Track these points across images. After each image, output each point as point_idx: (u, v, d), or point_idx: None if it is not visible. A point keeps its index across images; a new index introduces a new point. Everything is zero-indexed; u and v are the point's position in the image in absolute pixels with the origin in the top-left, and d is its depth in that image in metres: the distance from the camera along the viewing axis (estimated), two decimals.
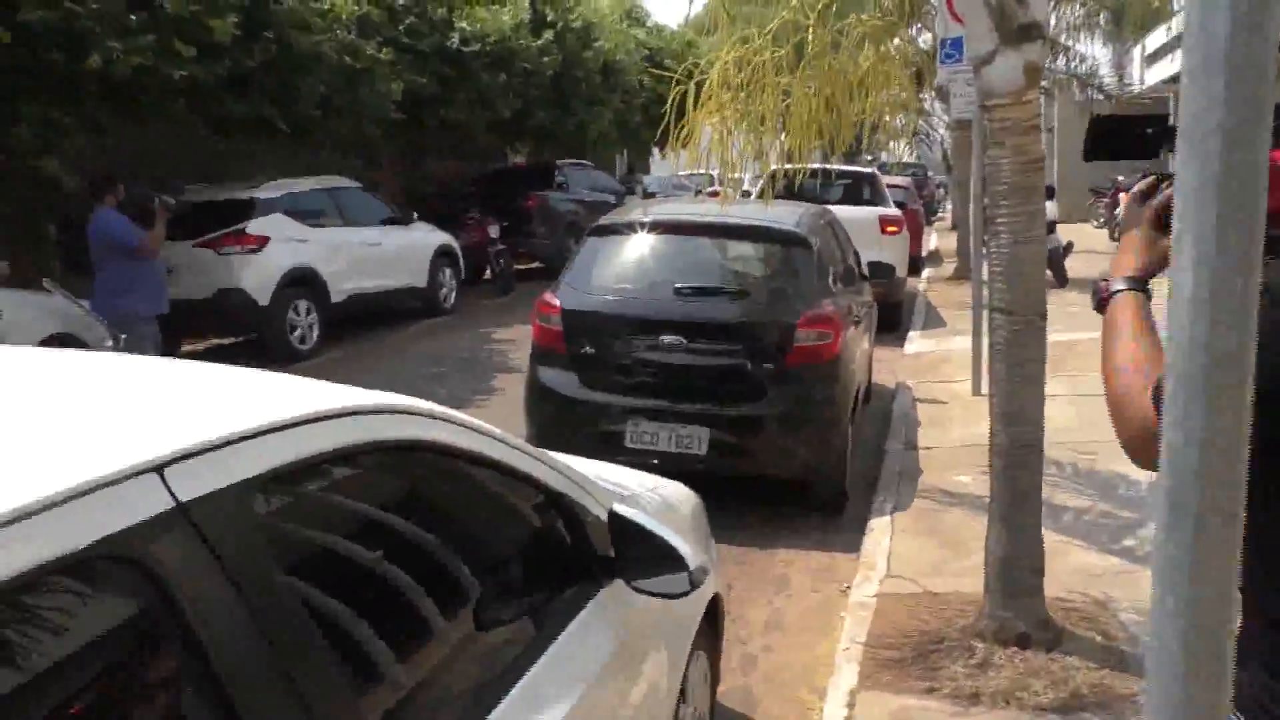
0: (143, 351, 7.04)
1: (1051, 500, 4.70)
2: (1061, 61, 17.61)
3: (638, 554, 2.07)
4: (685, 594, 2.00)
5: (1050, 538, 3.98)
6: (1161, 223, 1.45)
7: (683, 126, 4.05)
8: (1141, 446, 1.33)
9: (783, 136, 3.96)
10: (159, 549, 1.12)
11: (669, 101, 4.06)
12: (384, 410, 1.62)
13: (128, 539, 1.08)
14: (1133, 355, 1.36)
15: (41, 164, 8.56)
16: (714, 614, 2.96)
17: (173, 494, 1.16)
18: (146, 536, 1.11)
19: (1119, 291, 1.45)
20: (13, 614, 0.98)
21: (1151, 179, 1.49)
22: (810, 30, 3.63)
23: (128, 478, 1.11)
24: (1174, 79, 20.97)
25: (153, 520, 1.12)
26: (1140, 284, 1.46)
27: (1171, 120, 1.45)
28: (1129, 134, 1.51)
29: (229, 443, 1.28)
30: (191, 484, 1.19)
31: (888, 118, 5.21)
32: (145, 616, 1.12)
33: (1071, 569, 4.35)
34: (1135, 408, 1.31)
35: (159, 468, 1.16)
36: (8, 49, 7.82)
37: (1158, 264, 1.47)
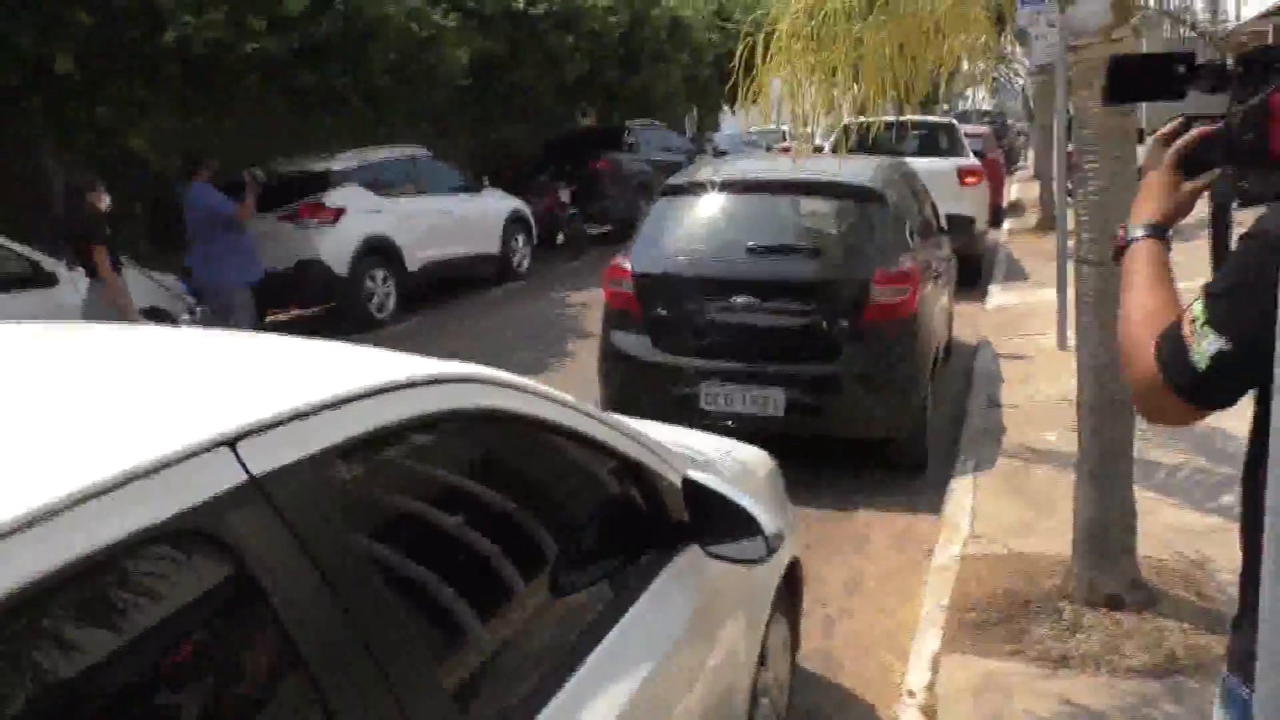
0: (239, 319, 7.32)
1: (1144, 456, 4.54)
2: None
3: (713, 520, 2.04)
4: (761, 560, 1.97)
5: (1142, 495, 3.83)
6: (1185, 166, 1.40)
7: (751, 81, 3.95)
8: (1145, 399, 1.32)
9: (856, 88, 3.83)
10: (233, 523, 1.12)
11: (738, 55, 3.95)
12: (455, 379, 1.61)
13: (202, 513, 1.08)
14: (1143, 306, 1.34)
15: (128, 141, 8.84)
16: (792, 578, 2.93)
17: (246, 467, 1.16)
18: (220, 510, 1.11)
19: (1136, 239, 1.41)
20: (89, 589, 0.99)
21: (1180, 120, 1.43)
22: None
23: (200, 452, 1.11)
24: (1277, 11, 19.81)
25: (226, 494, 1.12)
26: (1159, 231, 1.41)
27: (1199, 59, 1.37)
28: (1153, 74, 1.44)
29: (301, 415, 1.28)
30: (264, 457, 1.19)
31: (966, 64, 5.00)
32: (220, 590, 1.13)
33: (1165, 527, 4.20)
34: (1141, 361, 1.29)
35: (232, 441, 1.16)
36: (91, 30, 8.04)
37: (1179, 210, 1.43)
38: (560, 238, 14.47)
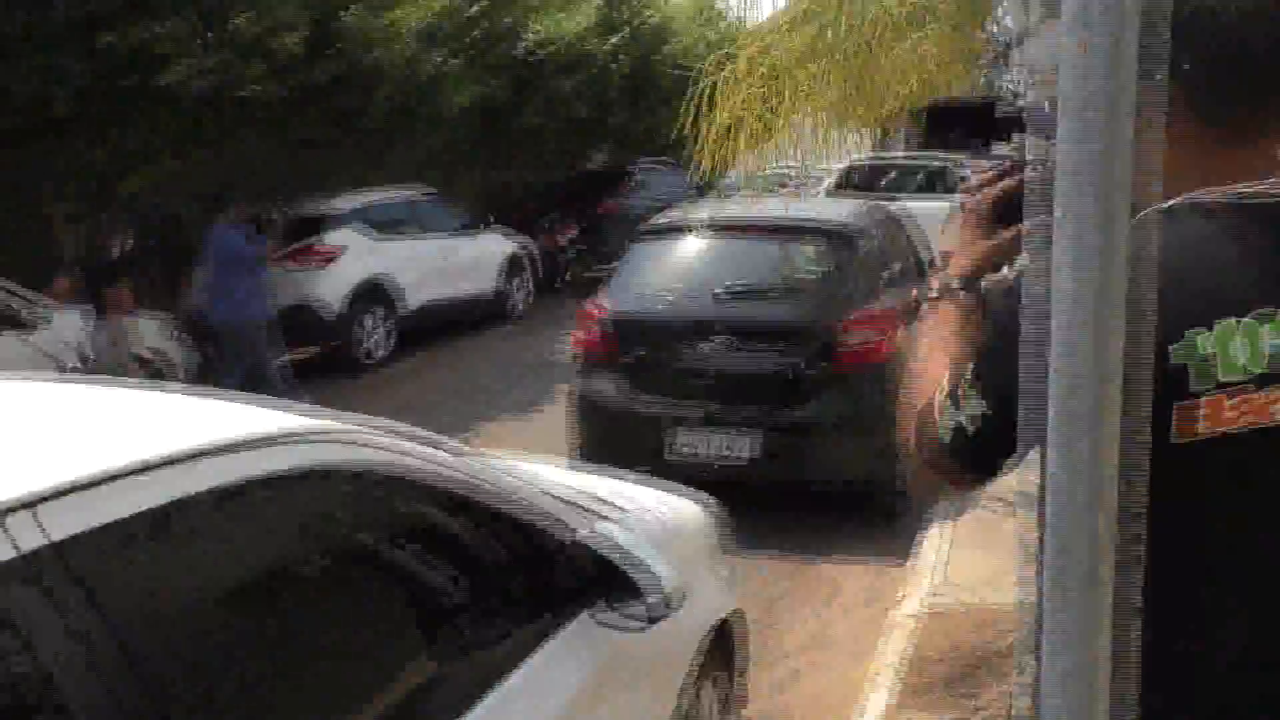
0: (261, 355, 7.33)
1: None
2: None
3: (605, 583, 1.95)
4: (644, 627, 1.87)
5: None
6: (1001, 214, 1.31)
7: (707, 123, 3.92)
8: (924, 461, 1.25)
9: (808, 130, 3.78)
10: (28, 590, 1.08)
11: (688, 97, 3.93)
12: (293, 438, 1.54)
13: None
14: (927, 372, 1.27)
15: (124, 186, 8.93)
16: (726, 636, 2.82)
17: (45, 532, 1.11)
18: (14, 577, 1.06)
19: (938, 294, 1.34)
20: None
21: (1001, 166, 1.35)
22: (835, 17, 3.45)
23: None
24: None
25: (22, 559, 1.07)
26: (969, 284, 1.33)
27: (999, 112, 1.33)
28: (963, 120, 1.38)
29: (111, 478, 1.22)
30: (67, 521, 1.13)
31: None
32: (6, 662, 1.07)
33: None
34: (919, 430, 1.23)
35: (31, 504, 1.11)
36: (89, 74, 8.15)
37: (982, 262, 1.34)
38: (557, 281, 14.43)
